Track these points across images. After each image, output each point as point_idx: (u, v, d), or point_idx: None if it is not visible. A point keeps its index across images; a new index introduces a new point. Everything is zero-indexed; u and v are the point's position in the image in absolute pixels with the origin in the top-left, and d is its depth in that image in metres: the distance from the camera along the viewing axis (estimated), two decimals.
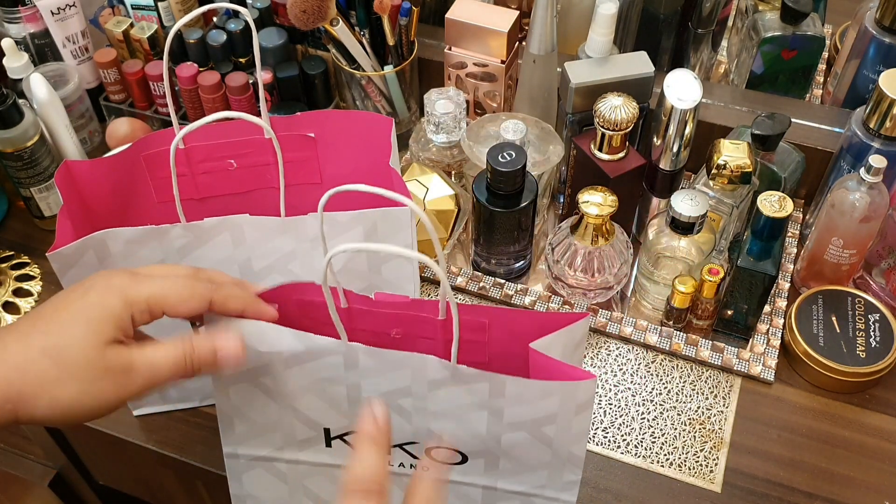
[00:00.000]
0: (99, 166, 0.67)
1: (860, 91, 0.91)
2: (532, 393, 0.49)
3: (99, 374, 0.48)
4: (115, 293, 0.49)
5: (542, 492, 0.57)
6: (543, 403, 0.49)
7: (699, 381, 0.79)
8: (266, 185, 0.70)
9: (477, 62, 0.91)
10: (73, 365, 0.47)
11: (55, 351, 0.47)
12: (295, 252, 0.65)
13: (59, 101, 0.89)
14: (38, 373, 0.47)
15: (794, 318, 0.80)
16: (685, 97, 0.77)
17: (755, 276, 0.76)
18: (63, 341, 0.47)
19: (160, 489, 0.93)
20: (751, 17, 0.93)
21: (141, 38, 0.95)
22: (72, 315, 0.48)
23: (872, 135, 0.79)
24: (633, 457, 0.74)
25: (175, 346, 0.50)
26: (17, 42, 0.91)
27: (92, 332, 0.48)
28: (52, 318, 0.49)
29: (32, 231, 0.95)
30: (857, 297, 0.81)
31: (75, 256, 0.61)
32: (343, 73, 0.94)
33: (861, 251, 0.81)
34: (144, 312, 0.50)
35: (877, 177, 0.75)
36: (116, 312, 0.49)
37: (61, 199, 0.62)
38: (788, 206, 0.73)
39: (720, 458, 0.74)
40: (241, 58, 0.95)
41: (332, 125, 0.69)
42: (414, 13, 0.91)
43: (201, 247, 0.64)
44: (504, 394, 0.50)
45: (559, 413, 0.50)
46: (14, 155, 0.85)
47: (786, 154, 0.84)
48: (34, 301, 0.87)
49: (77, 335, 0.48)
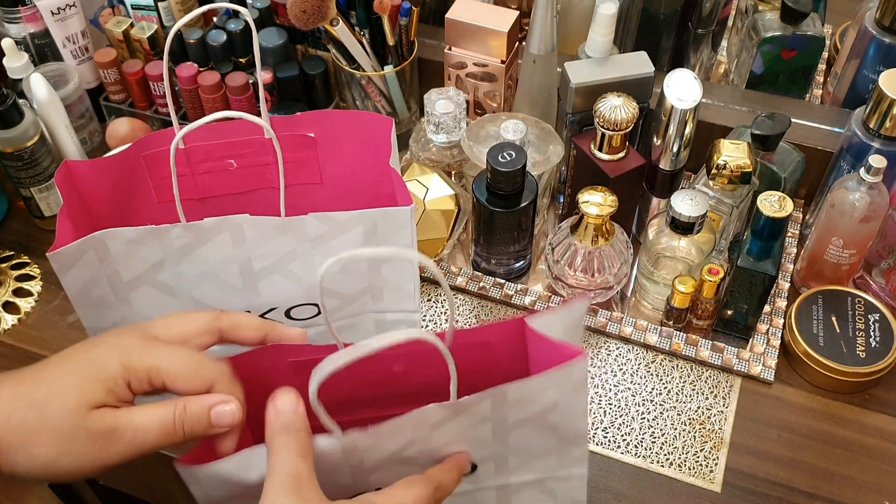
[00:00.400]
0: (99, 166, 0.67)
1: (860, 91, 0.91)
2: (532, 390, 0.49)
3: (79, 435, 0.45)
4: (118, 355, 0.47)
5: (554, 473, 0.56)
6: (544, 396, 0.49)
7: (699, 381, 0.79)
8: (266, 185, 0.70)
9: (477, 62, 0.91)
10: (54, 421, 0.45)
11: (41, 404, 0.45)
12: (295, 252, 0.65)
13: (59, 101, 0.89)
14: (20, 423, 0.45)
15: (793, 318, 0.80)
16: (685, 97, 0.77)
17: (755, 276, 0.76)
18: (50, 395, 0.45)
19: (160, 489, 0.93)
20: (751, 17, 0.93)
21: (141, 38, 0.95)
22: (68, 368, 0.46)
23: (872, 135, 0.79)
24: (633, 457, 0.74)
25: (165, 409, 0.47)
26: (17, 42, 0.91)
27: (80, 390, 0.45)
28: (50, 369, 0.47)
29: (32, 231, 0.95)
30: (856, 297, 0.81)
31: (75, 256, 0.61)
32: (343, 73, 0.94)
33: (861, 251, 0.81)
34: (143, 382, 0.47)
35: (877, 177, 0.75)
36: (111, 375, 0.46)
37: (61, 199, 0.62)
38: (788, 206, 0.73)
39: (720, 458, 0.74)
40: (241, 58, 0.95)
41: (332, 125, 0.69)
42: (414, 13, 0.91)
43: (201, 247, 0.64)
44: (506, 401, 0.49)
45: (560, 399, 0.50)
46: (14, 155, 0.85)
47: (786, 154, 0.84)
48: (34, 301, 0.87)
49: (64, 391, 0.45)
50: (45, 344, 0.83)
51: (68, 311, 0.86)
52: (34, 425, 0.45)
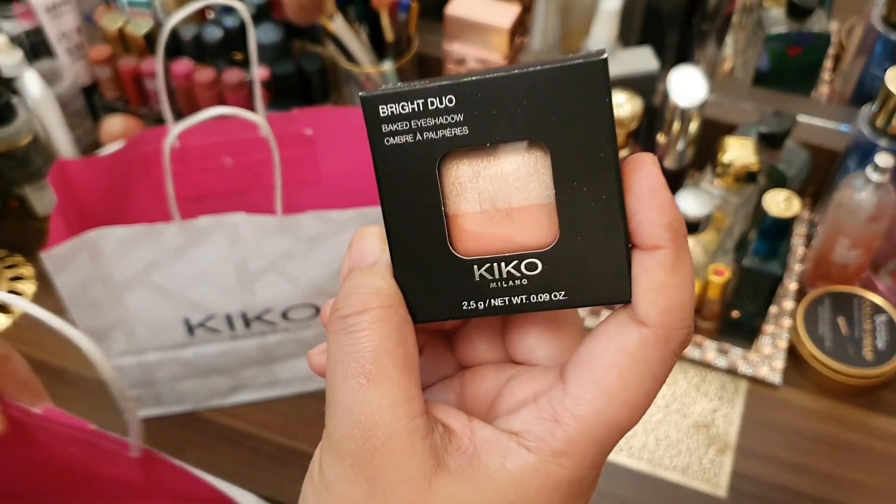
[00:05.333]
0: (93, 165, 0.66)
1: (867, 89, 0.90)
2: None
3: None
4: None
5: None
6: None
7: (704, 384, 0.78)
8: (262, 183, 0.69)
9: (478, 58, 0.89)
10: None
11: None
12: (292, 252, 0.64)
13: (53, 99, 0.87)
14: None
15: (800, 320, 0.79)
16: (690, 94, 0.76)
17: (761, 276, 0.74)
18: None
19: None
20: (756, 14, 0.92)
21: (136, 35, 0.94)
22: None
23: (879, 133, 0.78)
24: (636, 461, 0.73)
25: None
26: (11, 39, 0.90)
27: None
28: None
29: (26, 231, 0.93)
30: (863, 299, 0.80)
31: (69, 256, 0.60)
32: (341, 69, 0.92)
33: (868, 251, 0.80)
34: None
35: (884, 176, 0.74)
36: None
37: (55, 198, 0.61)
38: (795, 205, 0.72)
39: (726, 462, 0.72)
40: (237, 54, 0.94)
41: (329, 122, 0.68)
42: (414, 8, 0.90)
43: (196, 246, 0.63)
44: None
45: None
46: (8, 153, 0.84)
47: (792, 153, 0.83)
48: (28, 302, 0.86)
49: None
50: (38, 346, 0.82)
51: (62, 312, 0.85)
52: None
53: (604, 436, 0.25)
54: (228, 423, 0.77)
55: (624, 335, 0.25)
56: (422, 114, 0.25)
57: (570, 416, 0.25)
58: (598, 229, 0.25)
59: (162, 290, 0.65)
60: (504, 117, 0.25)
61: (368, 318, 0.26)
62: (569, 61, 0.24)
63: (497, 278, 0.26)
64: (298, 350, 0.73)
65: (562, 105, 0.24)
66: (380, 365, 0.25)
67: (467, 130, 0.25)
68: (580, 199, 0.25)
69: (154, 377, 0.72)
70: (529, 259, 0.26)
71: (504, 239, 0.26)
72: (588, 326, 0.80)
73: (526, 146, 0.26)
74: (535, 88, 0.24)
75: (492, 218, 0.26)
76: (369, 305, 0.26)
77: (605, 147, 0.25)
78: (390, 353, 0.25)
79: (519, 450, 0.25)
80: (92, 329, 0.67)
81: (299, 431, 0.76)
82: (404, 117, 0.25)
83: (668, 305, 0.25)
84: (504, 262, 0.26)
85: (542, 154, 0.26)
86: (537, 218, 0.26)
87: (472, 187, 0.26)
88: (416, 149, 0.25)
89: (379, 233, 0.27)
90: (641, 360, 0.25)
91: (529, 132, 0.25)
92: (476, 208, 0.26)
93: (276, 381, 0.76)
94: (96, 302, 0.65)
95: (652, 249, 0.25)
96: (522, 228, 0.26)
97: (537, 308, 0.26)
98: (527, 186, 0.26)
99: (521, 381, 0.28)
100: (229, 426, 0.77)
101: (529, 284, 0.26)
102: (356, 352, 0.25)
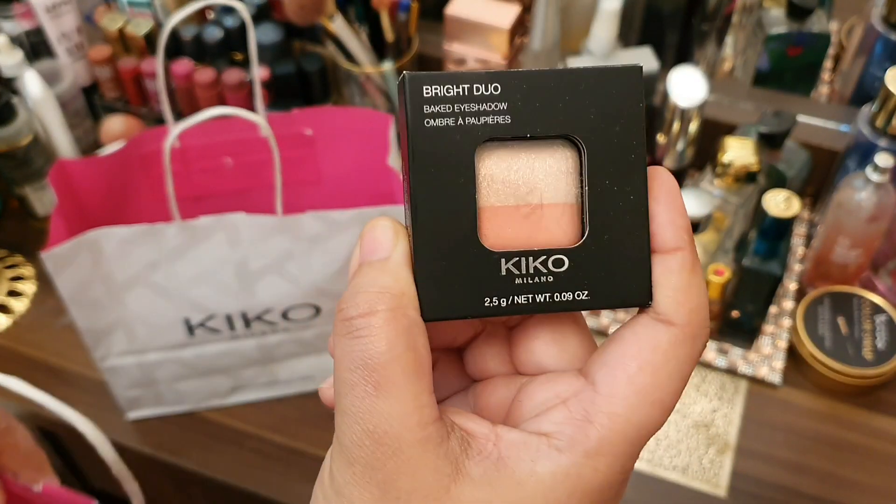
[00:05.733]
0: (93, 165, 0.66)
1: (867, 89, 0.90)
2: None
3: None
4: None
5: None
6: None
7: (704, 384, 0.78)
8: (263, 183, 0.69)
9: (478, 58, 0.89)
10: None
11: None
12: (292, 252, 0.64)
13: (53, 99, 0.87)
14: None
15: (800, 320, 0.78)
16: (690, 95, 0.76)
17: (761, 276, 0.74)
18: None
19: (156, 494, 0.92)
20: (756, 14, 0.92)
21: (136, 35, 0.94)
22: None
23: (879, 133, 0.78)
24: (636, 461, 0.73)
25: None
26: (12, 39, 0.90)
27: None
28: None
29: (27, 231, 0.93)
30: (863, 298, 0.80)
31: (69, 256, 0.60)
32: (341, 69, 0.92)
33: (868, 251, 0.80)
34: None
35: (884, 176, 0.74)
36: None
37: (55, 198, 0.61)
38: (795, 205, 0.72)
39: (726, 462, 0.72)
40: (237, 54, 0.94)
41: (330, 122, 0.68)
42: (414, 8, 0.89)
43: (196, 246, 0.63)
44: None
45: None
46: (8, 153, 0.84)
47: (792, 153, 0.83)
48: (28, 302, 0.86)
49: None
50: (38, 346, 0.82)
51: (62, 312, 0.85)
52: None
53: (635, 436, 0.25)
54: (228, 423, 0.77)
55: (654, 336, 0.25)
56: (466, 98, 0.25)
57: (604, 416, 0.25)
58: (625, 228, 0.26)
59: (162, 290, 0.65)
60: (546, 110, 0.25)
61: (376, 321, 0.24)
62: (610, 65, 0.26)
63: (524, 273, 0.26)
64: (298, 350, 0.73)
65: (600, 104, 0.26)
66: (388, 372, 0.24)
67: (509, 119, 0.25)
68: (610, 197, 0.26)
69: (154, 377, 0.72)
70: (557, 255, 0.26)
71: (531, 235, 0.26)
72: (593, 328, 0.80)
73: (560, 145, 0.26)
74: (577, 86, 0.26)
75: (522, 212, 0.26)
76: (376, 307, 0.25)
77: (637, 148, 0.26)
78: (399, 359, 0.24)
79: (550, 451, 0.25)
80: (92, 329, 0.67)
81: (299, 431, 0.76)
82: (448, 100, 0.25)
83: (695, 305, 0.25)
84: (532, 257, 0.26)
85: (574, 155, 0.26)
86: (566, 216, 0.26)
87: (505, 180, 0.26)
88: (457, 133, 0.25)
89: (392, 225, 0.26)
90: (672, 358, 0.25)
91: (568, 127, 0.26)
92: (508, 202, 0.26)
93: (276, 381, 0.76)
94: (96, 302, 0.65)
95: (673, 251, 0.26)
96: (550, 225, 0.26)
97: (559, 308, 0.26)
98: (557, 184, 0.26)
99: (540, 384, 0.27)
100: (229, 426, 0.77)
101: (555, 282, 0.26)
102: (363, 358, 0.24)
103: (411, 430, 0.24)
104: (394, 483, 0.24)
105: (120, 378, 0.71)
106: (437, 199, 0.25)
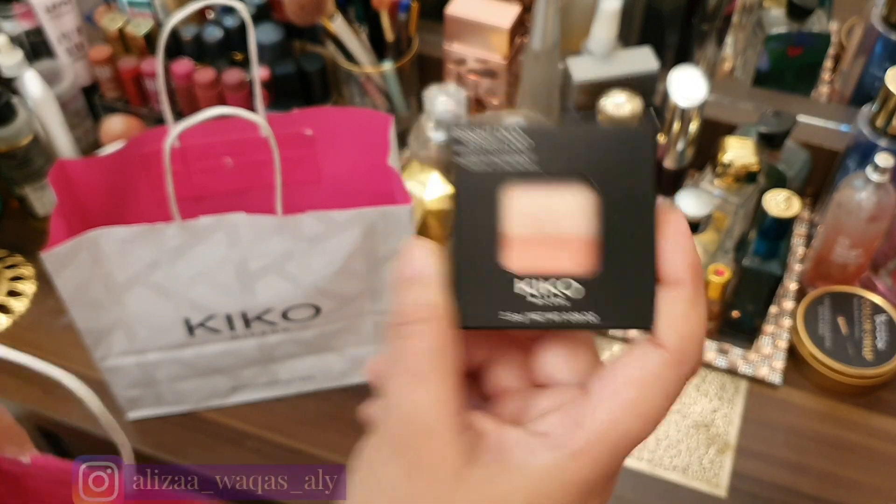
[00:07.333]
0: (93, 165, 0.66)
1: (867, 89, 0.90)
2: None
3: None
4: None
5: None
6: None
7: (704, 384, 0.78)
8: (263, 183, 0.69)
9: (478, 58, 0.89)
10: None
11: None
12: (292, 252, 0.64)
13: (53, 99, 0.87)
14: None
15: (800, 320, 0.78)
16: (690, 95, 0.76)
17: (761, 276, 0.74)
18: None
19: None
20: (756, 14, 0.92)
21: (136, 35, 0.94)
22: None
23: (879, 133, 0.78)
24: (636, 461, 0.73)
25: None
26: (12, 39, 0.90)
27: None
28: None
29: (27, 231, 0.93)
30: (863, 298, 0.80)
31: (69, 256, 0.60)
32: (341, 69, 0.92)
33: (868, 251, 0.80)
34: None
35: (884, 176, 0.74)
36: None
37: (55, 198, 0.61)
38: (795, 205, 0.72)
39: (726, 462, 0.72)
40: (237, 54, 0.94)
41: (330, 122, 0.68)
42: (413, 8, 0.89)
43: (196, 246, 0.63)
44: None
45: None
46: (8, 153, 0.84)
47: (792, 153, 0.83)
48: (28, 302, 0.86)
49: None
50: (38, 346, 0.82)
51: (62, 312, 0.85)
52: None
53: (619, 442, 0.28)
54: (228, 423, 0.77)
55: (646, 356, 0.29)
56: (502, 150, 0.30)
57: (591, 421, 0.29)
58: (634, 261, 0.30)
59: (162, 290, 0.65)
60: (568, 159, 0.30)
61: (418, 327, 0.29)
62: (625, 127, 0.29)
63: (542, 294, 0.30)
64: (298, 350, 0.73)
65: (615, 157, 0.30)
66: (425, 367, 0.29)
67: (537, 165, 0.30)
68: (621, 234, 0.30)
69: (154, 377, 0.72)
70: (572, 281, 0.30)
71: (551, 262, 0.30)
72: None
73: (579, 188, 0.30)
74: (595, 141, 0.30)
75: (541, 242, 0.30)
76: (419, 316, 0.29)
77: (647, 197, 0.30)
78: (434, 358, 0.29)
79: (543, 448, 0.28)
80: (92, 329, 0.67)
81: (299, 431, 0.76)
82: (485, 151, 0.30)
83: (686, 333, 0.29)
84: (550, 282, 0.30)
85: (590, 195, 0.30)
86: (580, 247, 0.30)
87: (528, 213, 0.30)
88: (494, 174, 0.30)
89: (428, 246, 0.31)
90: (659, 377, 0.29)
91: (586, 172, 0.30)
92: (533, 233, 0.30)
93: (276, 381, 0.76)
94: (96, 302, 0.65)
95: (675, 284, 0.29)
96: (566, 255, 0.30)
97: (570, 326, 0.30)
98: (572, 219, 0.30)
99: (545, 395, 0.31)
100: (229, 426, 0.77)
101: (569, 304, 0.30)
102: (405, 356, 0.29)
103: (440, 417, 0.28)
104: (420, 460, 0.28)
105: (120, 378, 0.71)
106: (474, 227, 0.30)
